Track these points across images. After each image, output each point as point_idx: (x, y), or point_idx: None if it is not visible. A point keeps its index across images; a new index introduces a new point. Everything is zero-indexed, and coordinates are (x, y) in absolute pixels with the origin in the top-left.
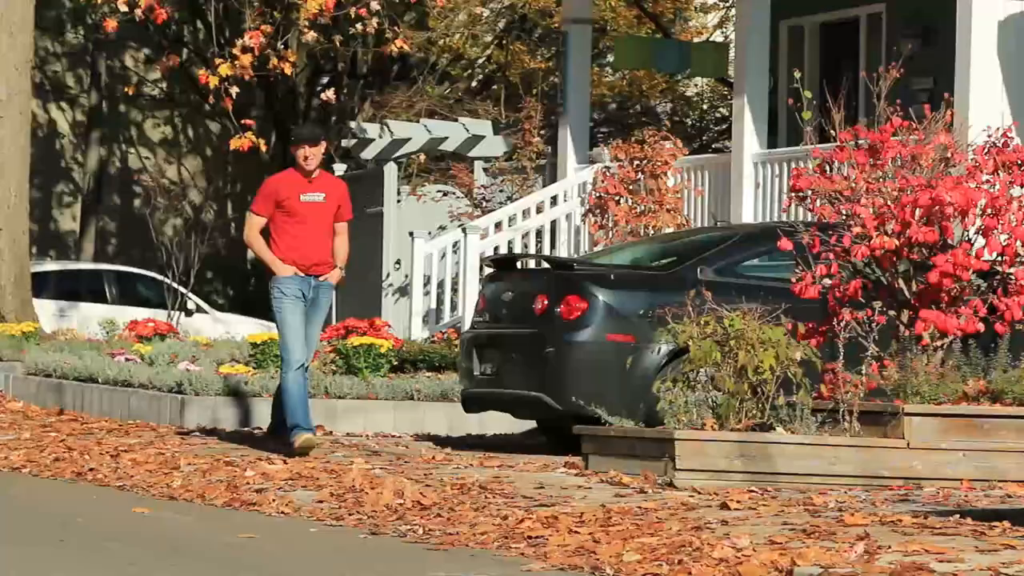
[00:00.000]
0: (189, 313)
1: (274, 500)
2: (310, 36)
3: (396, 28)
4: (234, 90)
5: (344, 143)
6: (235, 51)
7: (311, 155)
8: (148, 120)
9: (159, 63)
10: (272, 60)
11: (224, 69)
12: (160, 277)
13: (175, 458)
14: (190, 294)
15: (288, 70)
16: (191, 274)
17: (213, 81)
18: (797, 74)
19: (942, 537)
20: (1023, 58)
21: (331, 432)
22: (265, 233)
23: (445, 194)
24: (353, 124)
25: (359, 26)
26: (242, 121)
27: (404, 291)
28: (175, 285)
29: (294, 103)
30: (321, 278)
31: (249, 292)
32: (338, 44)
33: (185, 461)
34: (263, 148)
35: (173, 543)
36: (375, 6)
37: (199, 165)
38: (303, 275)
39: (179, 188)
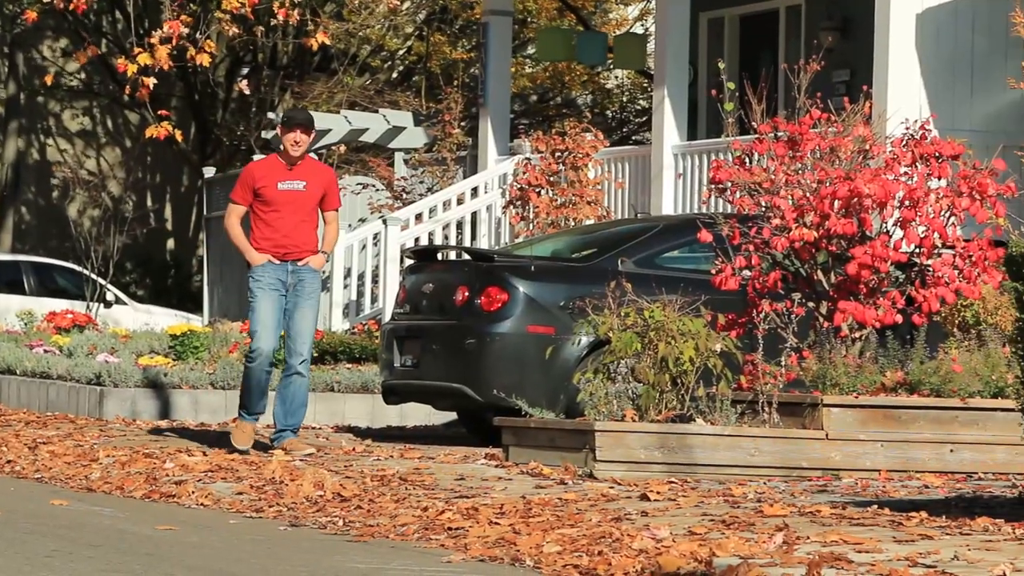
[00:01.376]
0: (108, 304)
1: (193, 492)
2: (230, 29)
3: (317, 19)
4: (151, 81)
5: (264, 134)
6: (152, 41)
7: (302, 141)
8: (67, 111)
9: (78, 53)
10: (189, 51)
11: (143, 59)
12: (79, 268)
13: (94, 450)
14: (109, 285)
15: (205, 62)
16: (110, 265)
17: (131, 70)
18: (721, 65)
19: (860, 528)
20: (941, 51)
21: None
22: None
23: (365, 186)
24: (273, 115)
25: (280, 17)
26: (159, 112)
27: (324, 283)
28: (94, 276)
29: (214, 94)
30: (300, 263)
31: (169, 283)
32: (259, 36)
33: (104, 453)
34: (179, 138)
35: (92, 535)
36: None
37: (118, 156)
38: (279, 262)
39: (98, 179)
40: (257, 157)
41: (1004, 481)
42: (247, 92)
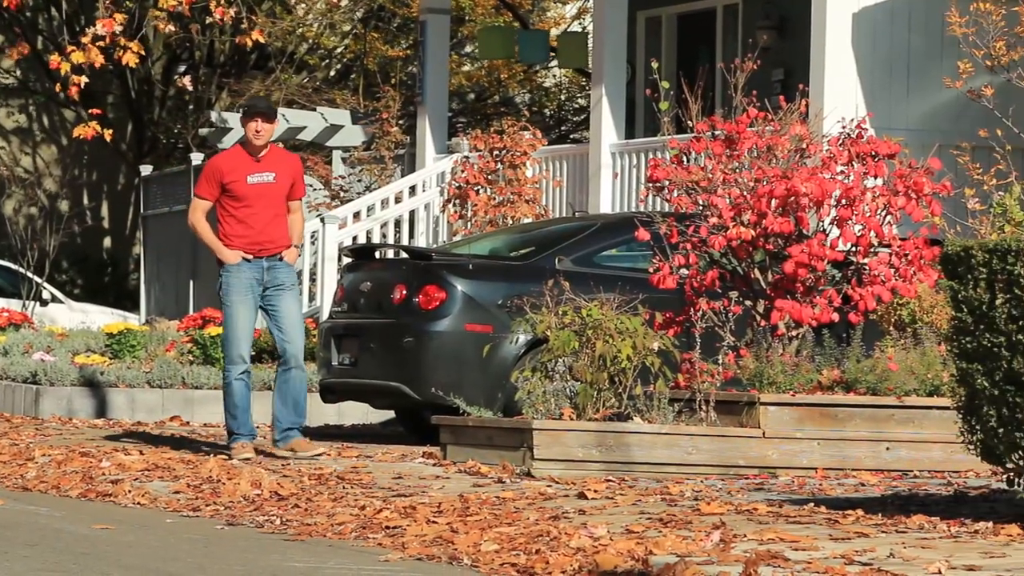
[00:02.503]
0: (44, 303)
1: (130, 491)
2: (165, 27)
3: (253, 18)
4: (82, 79)
5: (202, 132)
6: (85, 40)
7: (264, 130)
8: (2, 109)
9: (10, 50)
10: (117, 51)
11: (76, 57)
12: (14, 266)
13: (29, 449)
14: (45, 284)
15: (132, 62)
16: (46, 263)
17: (64, 68)
18: (655, 64)
19: (797, 525)
20: (877, 50)
21: (188, 423)
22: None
23: None
24: (212, 113)
25: (216, 15)
26: (91, 110)
27: None
28: (30, 274)
29: (151, 92)
30: (277, 258)
31: (105, 281)
32: (195, 33)
33: (40, 452)
34: (108, 137)
35: (27, 535)
36: None
37: (54, 154)
38: (252, 259)
39: (34, 177)
40: (195, 155)
41: (940, 479)
42: (189, 89)
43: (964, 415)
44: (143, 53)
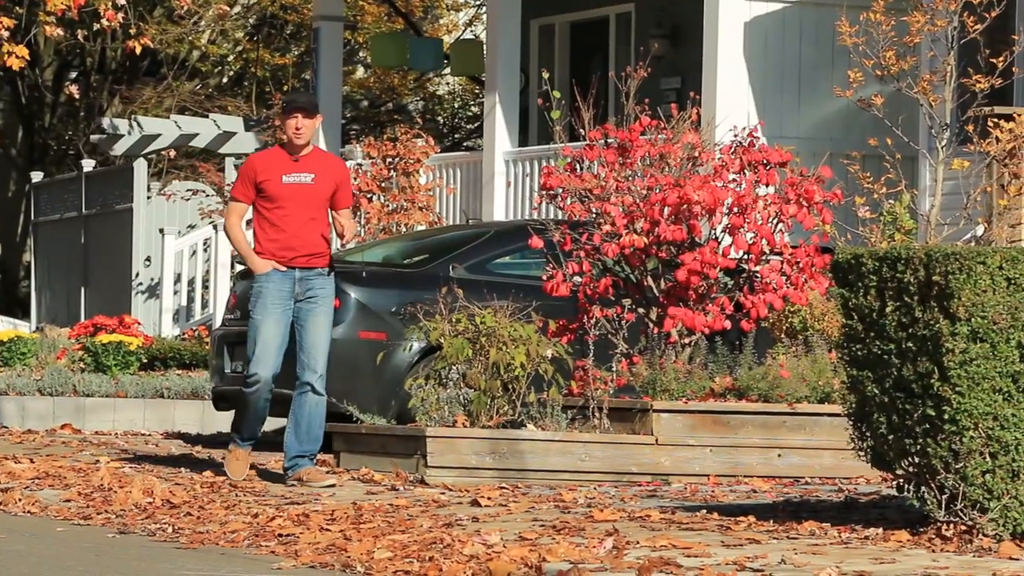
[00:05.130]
0: None
1: (20, 499)
2: (52, 31)
3: (141, 24)
4: None
5: (93, 139)
6: None
7: (304, 127)
8: None
9: None
10: (2, 56)
11: None
12: None
13: None
14: None
15: (16, 66)
16: None
17: None
18: (545, 74)
19: (689, 532)
20: (769, 59)
21: (80, 430)
22: None
23: (195, 192)
24: (103, 120)
25: (106, 21)
26: None
27: (154, 288)
28: None
29: (41, 98)
30: (315, 272)
31: None
32: (82, 39)
33: None
34: None
35: None
36: (120, 1)
37: None
38: (285, 269)
39: None
40: (86, 162)
41: (831, 485)
42: (76, 95)
43: (855, 422)
44: (28, 58)
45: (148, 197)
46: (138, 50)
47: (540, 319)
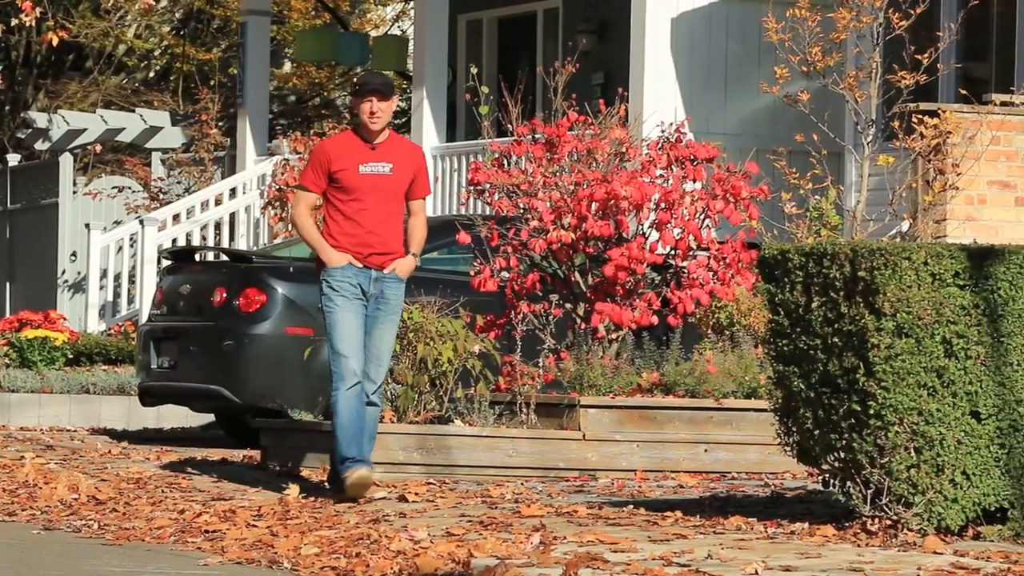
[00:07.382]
0: None
1: None
2: None
3: (60, 17)
4: None
5: (19, 134)
6: None
7: (379, 110)
8: None
9: None
10: None
11: None
12: None
13: None
14: None
15: None
16: None
17: None
18: (473, 70)
19: (616, 527)
20: (696, 55)
21: (4, 426)
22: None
23: (121, 189)
24: (29, 114)
25: (25, 14)
26: None
27: (80, 284)
28: None
29: None
30: (386, 270)
31: None
32: (1, 33)
33: None
34: None
35: None
36: None
37: None
38: (360, 267)
39: None
40: (11, 156)
41: (757, 480)
42: (0, 90)
43: (781, 417)
44: None
45: (74, 192)
46: (55, 42)
47: (468, 314)
